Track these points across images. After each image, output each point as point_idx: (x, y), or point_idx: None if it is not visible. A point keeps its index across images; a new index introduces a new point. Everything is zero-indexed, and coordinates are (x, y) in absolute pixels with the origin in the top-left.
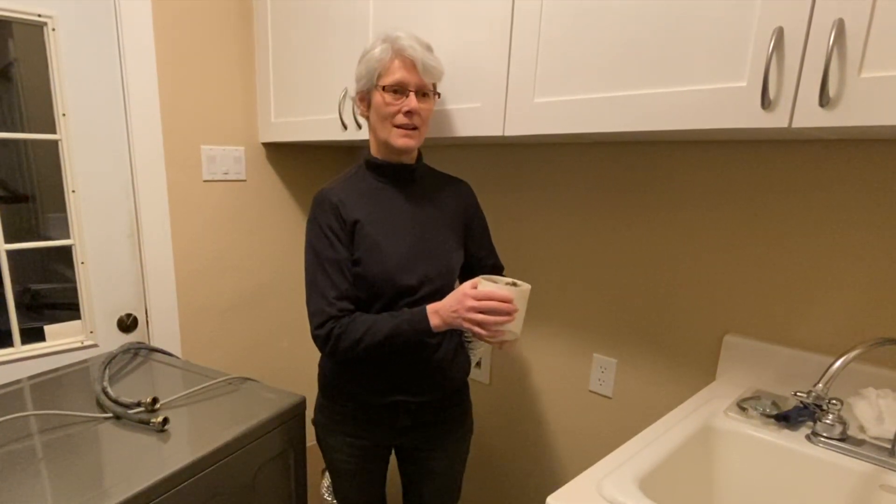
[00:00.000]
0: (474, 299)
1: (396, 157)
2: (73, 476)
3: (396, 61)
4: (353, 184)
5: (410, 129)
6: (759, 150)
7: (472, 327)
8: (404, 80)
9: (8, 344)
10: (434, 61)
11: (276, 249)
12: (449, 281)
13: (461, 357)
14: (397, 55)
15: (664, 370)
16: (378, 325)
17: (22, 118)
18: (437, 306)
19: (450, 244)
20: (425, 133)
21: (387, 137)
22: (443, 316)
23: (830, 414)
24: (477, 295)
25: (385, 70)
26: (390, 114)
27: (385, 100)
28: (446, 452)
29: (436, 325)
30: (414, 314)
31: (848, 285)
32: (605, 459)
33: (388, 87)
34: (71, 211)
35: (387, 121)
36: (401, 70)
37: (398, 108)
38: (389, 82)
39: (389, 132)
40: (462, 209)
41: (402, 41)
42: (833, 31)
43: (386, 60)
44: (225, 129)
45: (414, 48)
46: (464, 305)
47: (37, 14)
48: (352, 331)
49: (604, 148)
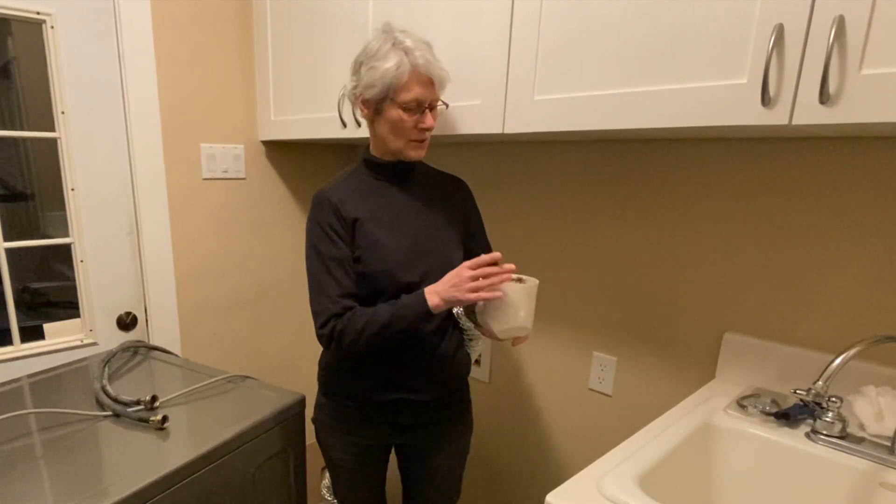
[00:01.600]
0: (470, 269)
1: (396, 156)
2: (73, 474)
3: (415, 77)
4: (351, 183)
5: (423, 140)
6: (759, 147)
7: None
8: (422, 98)
9: (7, 342)
10: (443, 71)
11: (276, 248)
12: None
13: (461, 354)
14: (415, 71)
15: (664, 368)
16: (378, 314)
17: (21, 116)
18: (435, 286)
19: (450, 240)
20: None
21: (400, 149)
22: (441, 294)
23: (830, 412)
24: (472, 265)
25: (402, 86)
26: (406, 129)
27: (401, 116)
28: (446, 451)
29: (435, 305)
30: (412, 298)
31: (848, 283)
32: (605, 457)
33: (405, 105)
34: (70, 209)
35: (401, 135)
36: (418, 87)
37: (414, 125)
38: (408, 99)
39: (404, 145)
40: (460, 206)
41: (415, 53)
42: (833, 28)
43: (403, 76)
44: (224, 127)
45: (429, 62)
46: (462, 277)
47: (35, 12)
48: (353, 324)
49: (604, 146)
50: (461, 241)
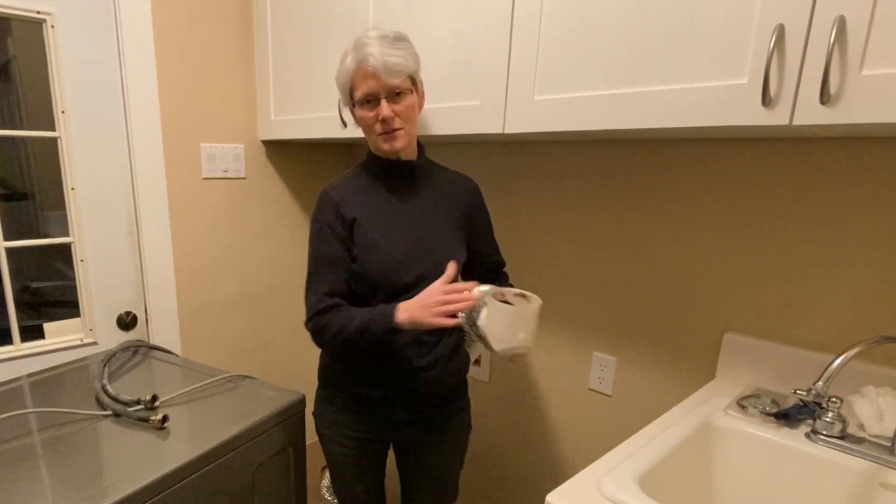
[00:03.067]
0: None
1: (395, 155)
2: (73, 474)
3: (360, 74)
4: (354, 182)
5: (392, 131)
6: (759, 147)
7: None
8: (371, 91)
9: (7, 342)
10: (399, 57)
11: (276, 247)
12: None
13: (460, 354)
14: (359, 67)
15: (664, 368)
16: (353, 320)
17: (21, 115)
18: (409, 303)
19: (450, 241)
20: (414, 129)
21: (376, 144)
22: (411, 312)
23: (830, 412)
24: (444, 289)
25: (353, 85)
26: (370, 125)
27: (361, 114)
28: (443, 448)
29: (400, 321)
30: (383, 311)
31: (848, 283)
32: (605, 457)
33: (360, 102)
34: (70, 208)
35: (370, 131)
36: (365, 81)
37: (374, 118)
38: (359, 96)
39: (375, 140)
40: (465, 205)
41: (365, 49)
42: (834, 29)
43: (351, 73)
44: (225, 127)
45: (373, 55)
46: (430, 301)
47: (36, 11)
48: (331, 324)
49: (604, 146)
50: (464, 242)
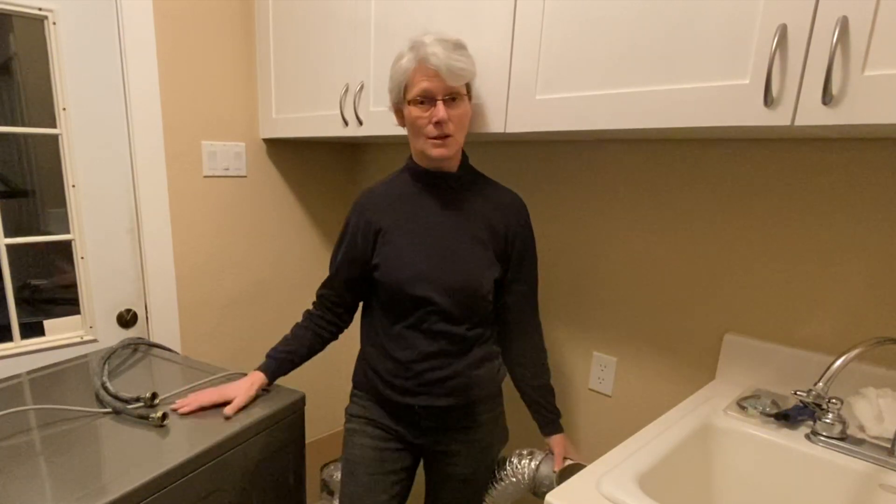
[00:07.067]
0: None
1: (436, 165)
2: (72, 471)
3: (420, 72)
4: (390, 187)
5: (443, 137)
6: (761, 148)
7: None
8: (429, 90)
9: (7, 338)
10: (462, 62)
11: (277, 245)
12: (474, 295)
13: (489, 366)
14: (420, 65)
15: (664, 369)
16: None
17: (22, 112)
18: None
19: (478, 258)
20: (462, 138)
21: (422, 149)
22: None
23: (830, 413)
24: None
25: (410, 82)
26: (421, 126)
27: (414, 113)
28: (469, 458)
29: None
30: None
31: (849, 284)
32: (605, 457)
33: (414, 101)
34: (71, 206)
35: (420, 133)
36: (424, 80)
37: (428, 120)
38: (415, 95)
39: (424, 144)
40: (503, 223)
41: (426, 48)
42: (837, 29)
43: (410, 72)
44: (226, 125)
45: (437, 55)
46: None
47: (37, 8)
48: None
49: (605, 145)
50: (494, 262)
